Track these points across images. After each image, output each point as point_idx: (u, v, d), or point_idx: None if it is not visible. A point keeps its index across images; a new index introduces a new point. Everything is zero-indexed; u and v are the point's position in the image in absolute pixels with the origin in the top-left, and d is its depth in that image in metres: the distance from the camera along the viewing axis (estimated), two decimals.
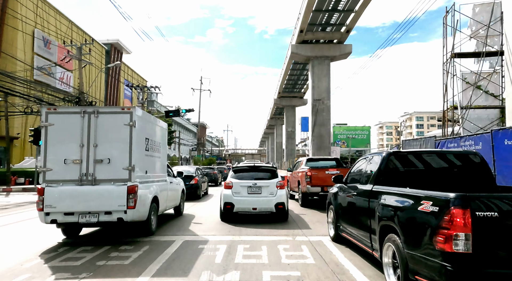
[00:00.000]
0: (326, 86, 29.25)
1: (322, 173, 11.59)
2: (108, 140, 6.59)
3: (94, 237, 7.44)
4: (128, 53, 59.81)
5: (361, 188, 5.36)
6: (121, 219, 6.41)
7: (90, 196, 6.40)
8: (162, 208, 8.37)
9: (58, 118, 6.58)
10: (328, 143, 29.31)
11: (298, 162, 14.69)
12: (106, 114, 6.68)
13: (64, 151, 6.49)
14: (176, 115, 25.72)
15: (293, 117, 53.70)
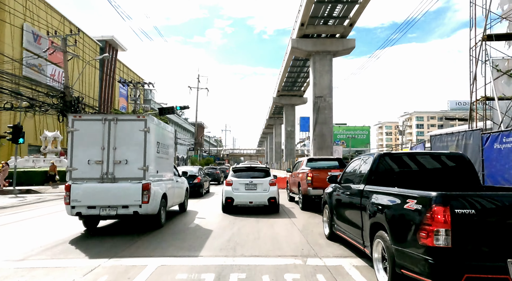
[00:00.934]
0: (328, 82, 27.88)
1: (324, 174, 10.63)
2: (126, 144, 7.47)
3: (110, 229, 8.25)
4: (124, 51, 58.31)
5: (354, 188, 5.53)
6: (137, 212, 7.28)
7: (110, 192, 7.27)
8: (170, 204, 9.28)
9: (83, 124, 7.45)
10: (330, 142, 27.94)
11: (299, 162, 13.70)
12: (124, 121, 7.61)
13: (88, 153, 7.36)
14: (170, 112, 24.33)
15: (292, 116, 52.35)
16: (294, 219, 9.69)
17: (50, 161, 30.02)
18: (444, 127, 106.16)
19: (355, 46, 27.60)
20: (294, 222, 9.26)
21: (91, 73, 48.40)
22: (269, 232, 7.68)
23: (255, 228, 8.26)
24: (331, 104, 27.95)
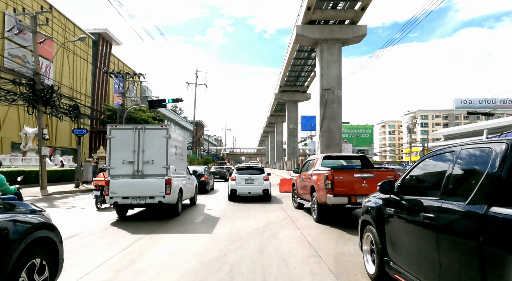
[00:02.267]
0: (336, 73, 25.27)
1: (349, 177, 7.91)
2: (152, 148, 9.19)
3: (137, 217, 9.76)
4: (118, 45, 55.74)
5: (453, 209, 2.73)
6: (161, 201, 9.03)
7: (140, 186, 9.06)
8: (184, 197, 10.80)
9: (118, 132, 9.30)
10: (339, 139, 25.33)
11: (310, 161, 10.71)
12: (150, 129, 9.38)
13: (122, 155, 9.13)
14: (161, 105, 21.76)
15: (295, 113, 49.77)
16: (311, 238, 6.95)
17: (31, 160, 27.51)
18: (450, 126, 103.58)
19: (366, 33, 25.01)
20: (311, 243, 6.52)
21: (83, 68, 45.81)
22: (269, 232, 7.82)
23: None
24: (340, 97, 25.35)
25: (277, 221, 8.96)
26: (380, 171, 8.09)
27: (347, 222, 8.63)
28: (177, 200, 9.63)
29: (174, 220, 9.16)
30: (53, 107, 15.75)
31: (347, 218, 9.27)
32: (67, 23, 41.88)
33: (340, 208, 8.06)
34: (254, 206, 12.00)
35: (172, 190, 9.13)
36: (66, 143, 43.49)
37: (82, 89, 44.44)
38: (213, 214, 10.36)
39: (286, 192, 17.02)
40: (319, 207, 8.51)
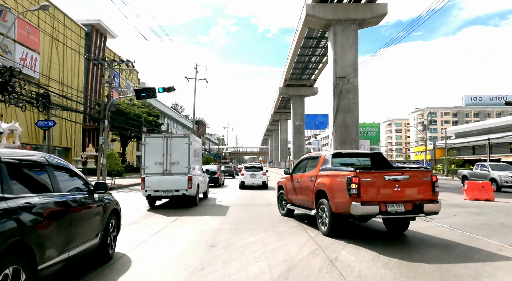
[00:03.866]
0: (352, 59, 22.11)
1: (379, 179, 6.24)
2: (177, 152, 11.61)
3: (164, 206, 12.05)
4: (114, 37, 52.78)
5: None
6: (184, 194, 11.44)
7: (168, 182, 11.43)
8: (200, 190, 13.28)
9: (150, 140, 11.78)
10: (355, 134, 22.18)
11: (309, 160, 8.59)
12: (176, 137, 12.02)
13: (154, 157, 11.49)
14: (150, 95, 18.69)
15: (301, 108, 46.59)
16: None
17: None
18: (459, 124, 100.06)
19: (387, 13, 21.82)
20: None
21: (75, 60, 42.82)
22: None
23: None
24: (356, 87, 22.19)
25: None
26: (415, 172, 6.45)
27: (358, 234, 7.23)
28: (196, 193, 12.08)
29: (194, 209, 11.29)
30: (10, 93, 12.70)
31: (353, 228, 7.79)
32: (56, 12, 38.90)
33: (366, 218, 6.69)
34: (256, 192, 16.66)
35: (193, 185, 11.61)
36: (56, 141, 40.46)
37: (74, 83, 41.45)
38: (225, 201, 13.49)
39: None
40: (333, 217, 6.69)
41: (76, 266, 4.33)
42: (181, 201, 12.51)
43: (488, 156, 50.85)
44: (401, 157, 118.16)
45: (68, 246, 3.76)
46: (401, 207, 5.99)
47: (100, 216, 4.80)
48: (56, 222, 3.53)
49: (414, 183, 6.10)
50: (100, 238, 4.73)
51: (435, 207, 6.10)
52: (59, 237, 3.55)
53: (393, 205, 6.02)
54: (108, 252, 5.06)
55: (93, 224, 4.57)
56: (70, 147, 42.74)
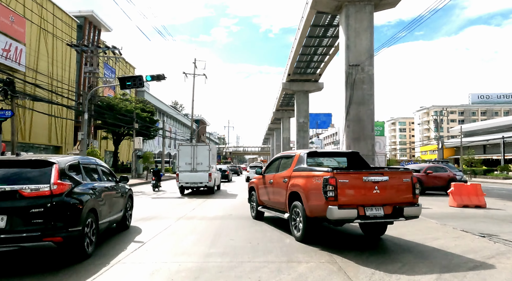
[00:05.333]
0: (367, 45, 19.56)
1: (357, 181, 5.62)
2: (200, 155, 16.47)
3: (191, 195, 16.43)
4: (108, 31, 50.26)
5: None
6: (206, 185, 16.20)
7: (195, 177, 16.17)
8: (216, 183, 17.88)
9: (183, 147, 16.92)
10: (370, 130, 19.63)
11: (282, 159, 8.00)
12: (200, 145, 16.94)
13: (185, 159, 16.49)
14: (137, 84, 16.22)
15: (305, 105, 44.01)
16: None
17: None
18: (466, 122, 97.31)
19: None
20: None
21: (65, 54, 40.32)
22: None
23: None
24: (371, 76, 19.63)
25: None
26: (395, 173, 5.98)
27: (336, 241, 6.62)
28: (214, 185, 16.90)
29: (212, 196, 15.91)
30: None
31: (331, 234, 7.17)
32: (44, 1, 36.39)
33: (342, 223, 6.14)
34: None
35: (212, 179, 16.37)
36: (44, 139, 37.96)
37: (65, 78, 38.93)
38: (234, 191, 17.79)
39: None
40: (308, 222, 6.16)
41: (110, 230, 6.94)
42: (202, 191, 17.59)
43: (503, 155, 48.39)
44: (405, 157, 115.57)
45: (110, 214, 6.29)
46: (380, 210, 5.57)
47: (122, 199, 7.19)
48: (105, 198, 6.02)
49: (394, 185, 5.71)
50: (123, 213, 7.17)
51: (415, 210, 5.74)
52: (106, 207, 6.04)
53: (372, 208, 5.58)
54: (127, 224, 7.45)
55: (119, 203, 6.94)
56: (61, 146, 40.24)
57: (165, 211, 10.53)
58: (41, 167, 4.92)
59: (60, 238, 4.56)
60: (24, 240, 4.39)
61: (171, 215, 9.43)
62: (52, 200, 4.58)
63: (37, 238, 4.43)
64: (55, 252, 5.01)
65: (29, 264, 4.85)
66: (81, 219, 4.91)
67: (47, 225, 4.49)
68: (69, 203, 4.79)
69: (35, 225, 4.45)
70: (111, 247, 5.78)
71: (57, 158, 5.26)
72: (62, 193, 4.74)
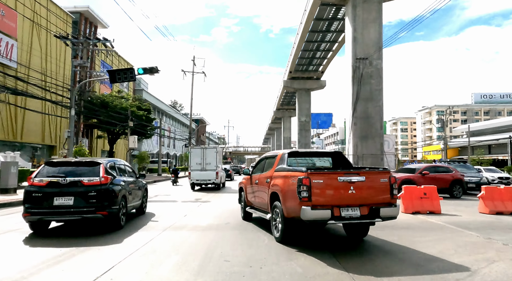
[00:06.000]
0: (375, 37, 18.32)
1: (332, 181, 5.49)
2: (209, 157, 18.61)
3: (200, 190, 18.52)
4: (105, 27, 48.91)
5: None
6: (214, 182, 18.48)
7: (204, 175, 18.37)
8: (222, 181, 20.51)
9: (194, 150, 19.68)
10: (379, 128, 18.38)
11: (267, 159, 7.98)
12: (209, 148, 19.52)
13: (196, 160, 18.70)
14: (128, 78, 15.01)
15: (307, 103, 42.75)
16: None
17: None
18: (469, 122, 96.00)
19: None
20: None
21: (60, 50, 39.06)
22: None
23: None
24: (380, 70, 18.38)
25: None
26: (372, 173, 5.73)
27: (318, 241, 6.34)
28: (220, 182, 19.30)
29: (219, 191, 18.23)
30: None
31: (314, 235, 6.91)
32: None
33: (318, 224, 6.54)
34: None
35: (218, 177, 18.73)
36: (38, 138, 36.70)
37: (60, 74, 37.67)
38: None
39: None
40: (285, 222, 5.95)
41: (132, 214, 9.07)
42: (210, 187, 19.70)
43: (510, 155, 47.12)
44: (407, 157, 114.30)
45: (133, 201, 8.33)
46: (356, 211, 5.47)
47: (141, 191, 9.34)
48: (130, 189, 8.04)
49: (371, 185, 5.59)
50: (141, 201, 9.30)
51: (392, 211, 5.60)
52: (131, 196, 8.07)
53: (347, 209, 5.48)
54: (143, 210, 9.65)
55: (139, 193, 9.05)
56: (55, 145, 38.99)
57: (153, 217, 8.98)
58: (93, 166, 7.18)
59: (106, 212, 6.72)
60: (84, 212, 6.62)
61: (156, 225, 7.83)
62: (101, 188, 6.79)
63: (92, 212, 6.63)
64: (102, 224, 7.21)
65: (89, 232, 7.09)
66: (117, 201, 7.10)
67: (98, 203, 6.67)
68: (111, 190, 6.98)
69: (91, 203, 6.65)
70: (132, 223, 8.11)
71: (102, 160, 7.58)
72: (107, 183, 6.94)
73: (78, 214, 6.58)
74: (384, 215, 5.48)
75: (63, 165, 7.17)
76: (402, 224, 7.65)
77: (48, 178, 6.71)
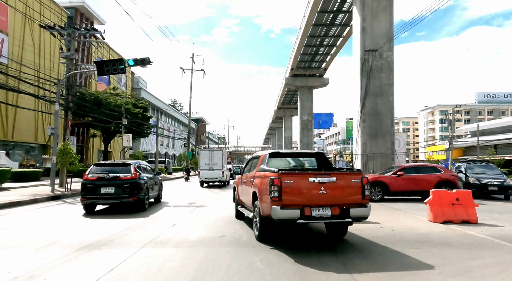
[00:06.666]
0: (386, 27, 17.00)
1: (302, 181, 5.66)
2: (216, 158, 21.30)
3: (208, 187, 20.48)
4: (101, 24, 47.65)
5: None
6: (220, 180, 21.48)
7: (212, 173, 21.14)
8: (227, 179, 23.04)
9: (203, 152, 22.42)
10: (390, 125, 17.06)
11: (254, 159, 8.20)
12: (215, 150, 22.46)
13: (204, 161, 21.37)
14: (117, 70, 13.74)
15: (309, 101, 41.43)
16: None
17: None
18: (472, 122, 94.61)
19: None
20: None
21: (54, 45, 37.76)
22: None
23: None
24: (391, 63, 17.07)
25: None
26: (344, 174, 5.85)
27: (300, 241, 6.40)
28: (225, 180, 21.88)
29: (225, 188, 20.06)
30: None
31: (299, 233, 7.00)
32: None
33: (289, 223, 5.75)
34: None
35: (224, 175, 21.19)
36: (30, 137, 35.37)
37: (54, 72, 36.38)
38: None
39: None
40: (262, 221, 6.17)
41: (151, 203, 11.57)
42: (217, 185, 21.83)
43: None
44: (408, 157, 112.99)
45: (152, 192, 11.32)
46: (327, 211, 5.54)
47: (157, 185, 12.01)
48: (151, 182, 10.95)
49: (342, 186, 5.62)
50: (158, 193, 12.01)
51: (363, 211, 5.61)
52: (151, 187, 10.91)
53: (318, 209, 5.57)
54: (159, 199, 12.36)
55: (156, 187, 11.70)
56: (48, 144, 37.76)
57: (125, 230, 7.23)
58: (126, 166, 10.22)
59: (136, 198, 9.69)
60: (121, 198, 9.66)
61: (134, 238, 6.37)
62: (132, 181, 9.76)
63: (126, 197, 9.65)
64: (132, 206, 10.04)
65: (123, 211, 10.02)
66: (143, 191, 9.99)
67: (130, 191, 9.68)
68: (138, 182, 9.87)
69: (126, 192, 9.66)
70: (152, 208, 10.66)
71: (131, 161, 10.66)
72: (136, 178, 9.88)
73: (117, 199, 9.67)
74: (354, 215, 5.53)
75: (106, 165, 10.35)
76: (439, 238, 6.24)
77: (97, 174, 9.80)
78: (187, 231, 7.07)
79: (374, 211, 8.29)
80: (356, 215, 5.55)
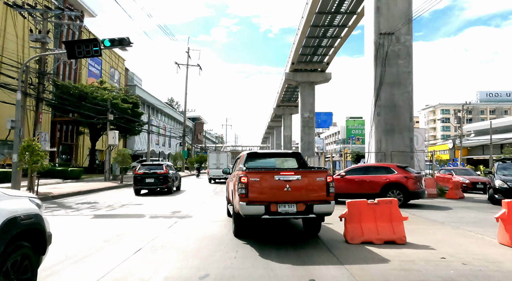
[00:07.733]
0: (404, 7, 14.91)
1: (268, 179, 6.06)
2: (222, 159, 27.43)
3: (215, 183, 25.44)
4: (92, 16, 45.42)
5: None
6: (225, 177, 15.96)
7: (218, 172, 25.10)
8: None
9: (211, 154, 28.76)
10: (408, 119, 14.96)
11: (238, 158, 8.54)
12: (222, 152, 29.81)
13: (212, 161, 27.23)
14: (91, 52, 11.59)
15: (311, 98, 39.30)
16: None
17: None
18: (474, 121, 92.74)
19: None
20: None
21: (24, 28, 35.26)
22: None
23: None
24: (409, 48, 14.95)
25: None
26: (309, 172, 6.18)
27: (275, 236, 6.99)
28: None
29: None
30: None
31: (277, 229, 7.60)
32: None
33: (255, 219, 6.23)
34: None
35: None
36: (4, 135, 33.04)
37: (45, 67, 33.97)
38: None
39: None
40: (236, 217, 6.69)
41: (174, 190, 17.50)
42: (223, 181, 24.88)
43: None
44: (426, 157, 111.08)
45: (175, 182, 17.31)
46: (293, 207, 5.85)
47: (178, 178, 18.18)
48: (174, 177, 17.18)
49: (307, 183, 5.93)
50: (178, 183, 18.26)
51: (327, 208, 5.91)
52: (174, 179, 17.08)
53: (284, 205, 5.89)
54: (180, 189, 18.73)
55: (177, 179, 17.80)
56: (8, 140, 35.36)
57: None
58: (161, 165, 16.54)
59: (167, 185, 15.94)
60: (158, 185, 15.89)
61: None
62: (165, 175, 15.92)
63: (161, 185, 15.89)
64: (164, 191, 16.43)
65: (160, 194, 16.12)
66: (171, 181, 16.20)
67: (163, 181, 15.82)
68: (168, 176, 15.98)
69: (161, 182, 15.83)
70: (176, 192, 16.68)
71: (163, 162, 18.22)
72: (167, 173, 16.02)
73: (156, 186, 15.87)
74: (318, 211, 5.87)
75: (148, 165, 16.50)
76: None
77: (143, 170, 15.79)
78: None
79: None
80: (320, 211, 5.87)
